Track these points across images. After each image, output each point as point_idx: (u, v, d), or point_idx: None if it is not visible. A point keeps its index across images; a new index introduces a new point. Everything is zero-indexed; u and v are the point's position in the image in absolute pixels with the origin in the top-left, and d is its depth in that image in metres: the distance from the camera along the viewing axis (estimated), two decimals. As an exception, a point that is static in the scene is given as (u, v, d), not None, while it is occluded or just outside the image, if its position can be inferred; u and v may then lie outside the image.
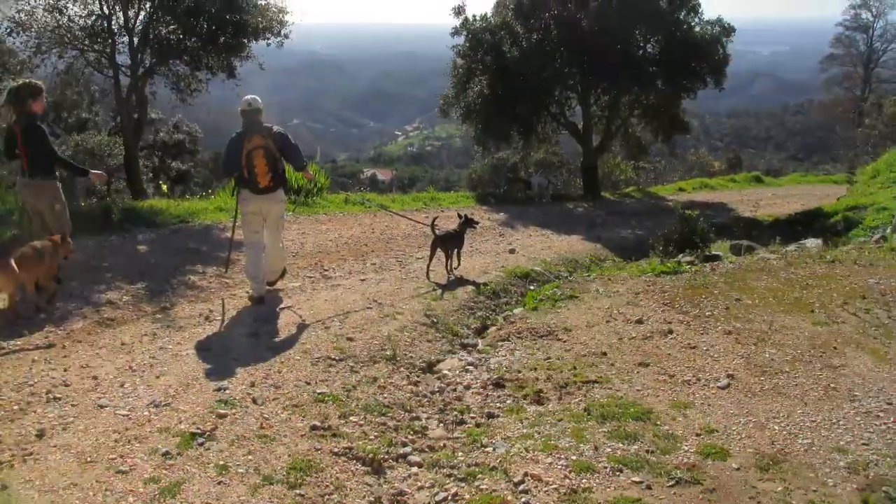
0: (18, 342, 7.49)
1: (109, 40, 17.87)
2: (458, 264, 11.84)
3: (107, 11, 17.42)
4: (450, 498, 5.13)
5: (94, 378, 6.63)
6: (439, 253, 11.42)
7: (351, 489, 5.20)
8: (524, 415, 6.36)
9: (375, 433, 6.05)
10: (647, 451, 5.47)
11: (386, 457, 5.71)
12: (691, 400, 6.35)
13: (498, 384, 7.16)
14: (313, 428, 5.90)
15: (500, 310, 10.59)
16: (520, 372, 7.41)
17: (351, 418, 6.21)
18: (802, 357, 7.20)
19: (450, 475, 5.49)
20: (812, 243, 13.23)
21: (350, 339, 8.15)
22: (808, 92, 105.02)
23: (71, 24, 17.34)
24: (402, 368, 7.63)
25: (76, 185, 18.69)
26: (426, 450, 5.92)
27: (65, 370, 6.80)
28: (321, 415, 6.17)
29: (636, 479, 5.10)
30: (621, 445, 5.57)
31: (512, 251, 14.35)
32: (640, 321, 8.67)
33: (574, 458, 5.43)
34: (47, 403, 6.06)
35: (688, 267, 11.38)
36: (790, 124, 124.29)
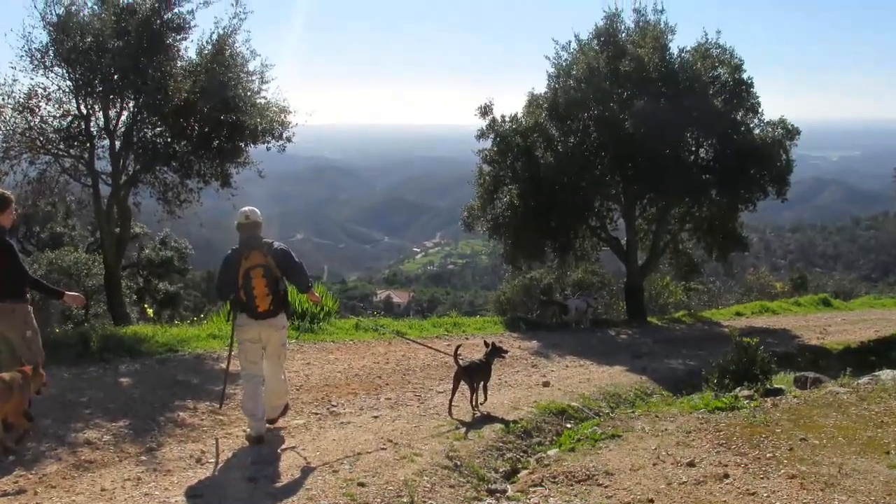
0: (-15, 487, 7.55)
1: (88, 144, 17.90)
2: (485, 399, 11.82)
3: (85, 111, 17.51)
4: None
5: (71, 528, 6.68)
6: (463, 386, 11.39)
7: None
8: (559, 571, 6.36)
9: (389, 592, 6.05)
10: None
11: None
12: (751, 554, 6.35)
13: (529, 536, 7.17)
14: (319, 586, 5.92)
15: (532, 451, 10.56)
16: (554, 522, 7.42)
17: (362, 574, 6.22)
18: (878, 505, 7.18)
19: None
20: (887, 375, 13.17)
21: (361, 485, 8.16)
22: (883, 202, 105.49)
23: (44, 126, 17.17)
24: (420, 518, 7.64)
25: (50, 309, 18.82)
26: None
27: (38, 519, 6.85)
28: (327, 571, 6.19)
29: None
30: None
31: (546, 384, 14.37)
32: (691, 464, 8.67)
33: None
34: (18, 557, 6.11)
35: (746, 402, 11.37)
36: (862, 239, 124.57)
